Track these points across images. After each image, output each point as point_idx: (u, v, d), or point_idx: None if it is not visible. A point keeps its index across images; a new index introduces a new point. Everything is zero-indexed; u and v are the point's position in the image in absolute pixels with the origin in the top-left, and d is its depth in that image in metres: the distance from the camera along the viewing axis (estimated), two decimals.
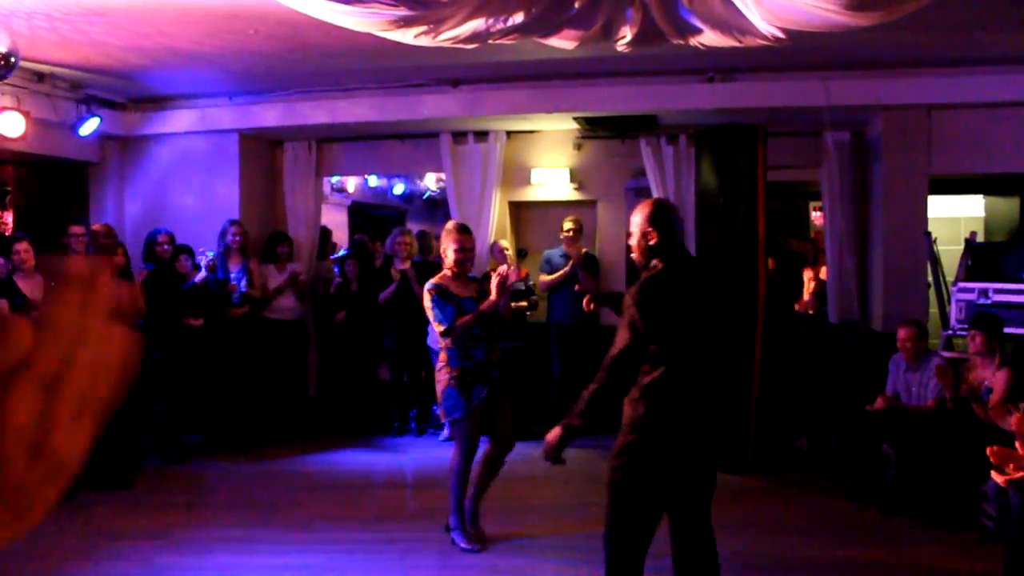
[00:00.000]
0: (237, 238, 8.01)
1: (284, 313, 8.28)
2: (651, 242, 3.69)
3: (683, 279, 3.66)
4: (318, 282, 8.89)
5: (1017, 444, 4.60)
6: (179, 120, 8.48)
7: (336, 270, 8.95)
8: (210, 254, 7.57)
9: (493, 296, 5.13)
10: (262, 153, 8.98)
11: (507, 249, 8.36)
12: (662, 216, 3.72)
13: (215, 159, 8.59)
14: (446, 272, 5.29)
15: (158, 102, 8.45)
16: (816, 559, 5.14)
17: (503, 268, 5.26)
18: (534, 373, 8.28)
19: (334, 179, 11.09)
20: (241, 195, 8.58)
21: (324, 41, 6.22)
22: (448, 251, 5.25)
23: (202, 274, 7.46)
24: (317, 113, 8.15)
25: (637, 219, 3.75)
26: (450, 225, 5.42)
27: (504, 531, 5.68)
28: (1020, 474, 3.99)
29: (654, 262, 3.69)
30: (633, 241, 3.78)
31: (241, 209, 8.49)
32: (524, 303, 8.21)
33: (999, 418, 4.57)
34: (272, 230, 8.68)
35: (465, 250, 5.25)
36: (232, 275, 7.88)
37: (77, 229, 7.05)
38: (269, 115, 8.29)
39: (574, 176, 8.70)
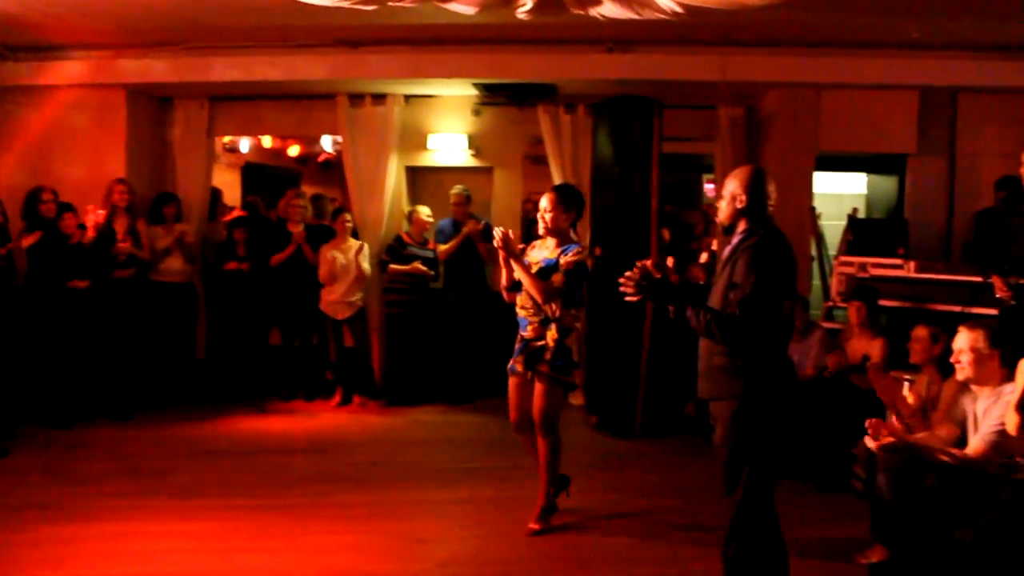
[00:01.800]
0: (125, 197, 7.73)
1: (172, 276, 8.03)
2: (739, 206, 3.69)
3: (780, 247, 3.67)
4: (208, 244, 8.65)
5: (890, 413, 4.84)
6: (61, 72, 8.00)
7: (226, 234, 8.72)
8: (101, 212, 7.29)
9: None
10: (151, 110, 8.63)
11: (428, 217, 8.31)
12: (756, 182, 3.72)
13: (100, 114, 8.19)
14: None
15: (37, 51, 7.97)
16: (700, 519, 5.30)
17: (498, 231, 4.97)
18: (429, 338, 8.27)
19: (226, 139, 10.79)
20: (128, 153, 8.23)
21: None
22: None
23: (91, 234, 7.20)
24: (210, 70, 7.84)
25: (732, 183, 3.74)
26: None
27: (400, 495, 5.69)
28: (890, 439, 4.22)
29: (741, 226, 3.69)
30: (724, 203, 3.77)
31: (128, 168, 8.16)
32: (432, 271, 8.19)
33: (877, 382, 4.78)
34: (161, 191, 8.38)
35: (540, 210, 5.07)
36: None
37: None
38: (159, 70, 7.92)
39: (472, 142, 8.68)
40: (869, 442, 4.55)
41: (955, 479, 4.14)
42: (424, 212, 8.32)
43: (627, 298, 3.65)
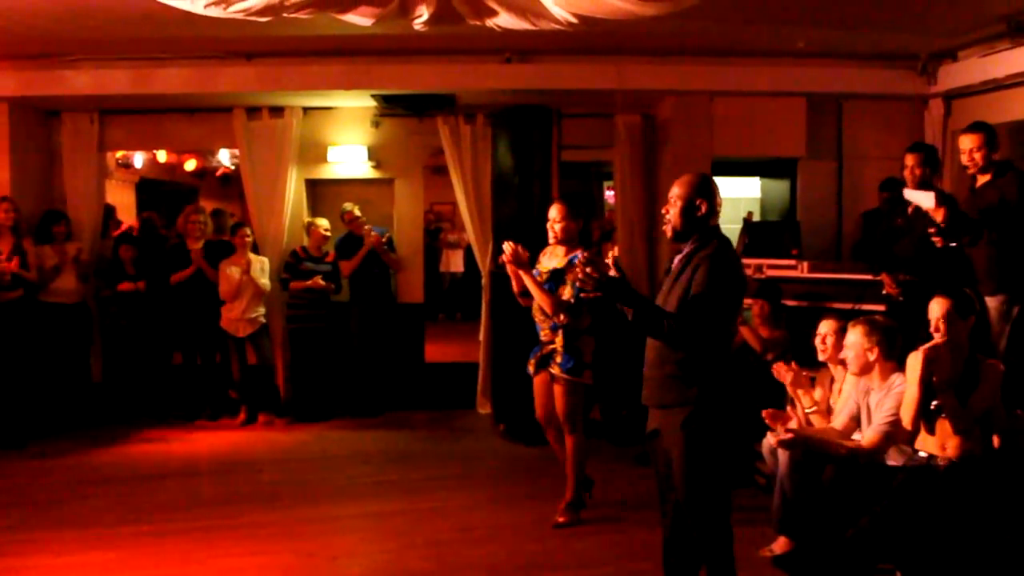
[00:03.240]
0: (9, 215, 7.43)
1: (63, 296, 7.75)
2: (699, 214, 3.64)
3: (735, 256, 3.67)
4: (103, 263, 8.37)
5: (788, 406, 4.98)
6: None
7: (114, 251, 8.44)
8: None
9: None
10: (36, 124, 8.30)
11: (326, 230, 8.22)
12: (711, 189, 3.68)
13: None
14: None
15: None
16: (607, 521, 5.40)
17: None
18: (334, 353, 8.19)
19: (119, 154, 10.50)
20: (12, 169, 7.88)
21: (108, 4, 5.86)
22: None
23: None
24: (99, 83, 7.60)
25: (684, 188, 3.67)
26: None
27: (309, 513, 5.62)
28: (790, 435, 4.35)
29: (695, 235, 3.63)
30: (673, 210, 3.68)
31: (12, 185, 7.83)
32: (332, 284, 8.09)
33: (781, 376, 4.92)
34: (49, 208, 8.08)
35: (549, 220, 5.29)
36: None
37: None
38: (44, 83, 7.65)
39: (372, 154, 8.62)
40: (770, 437, 4.69)
41: (851, 470, 4.29)
42: (322, 224, 8.21)
43: (584, 295, 3.63)
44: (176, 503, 5.84)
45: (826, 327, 4.92)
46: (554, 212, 5.30)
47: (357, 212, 8.28)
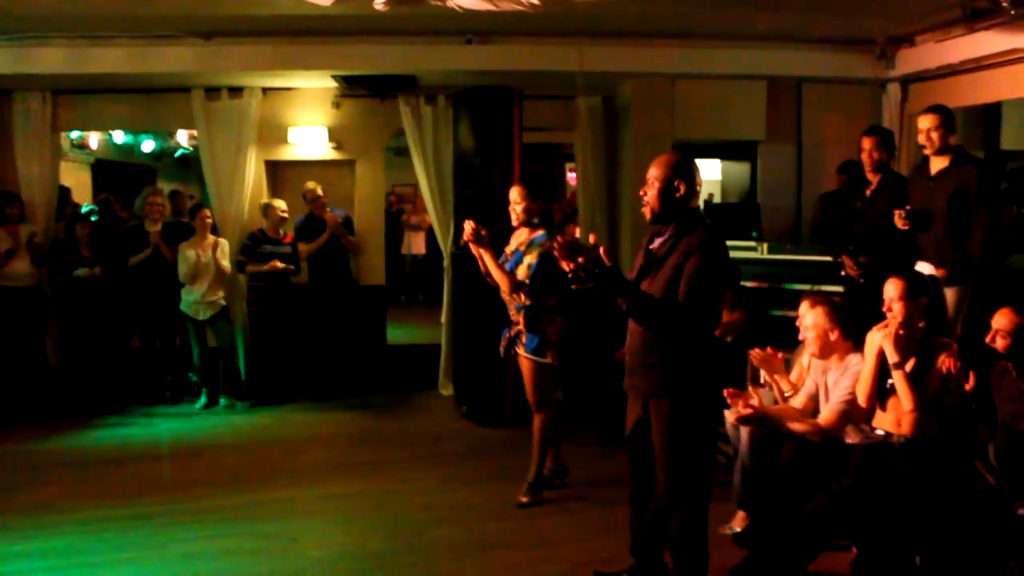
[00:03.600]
0: None
1: (17, 280, 7.62)
2: (677, 195, 3.59)
3: (721, 243, 3.60)
4: (57, 245, 8.23)
5: (749, 385, 5.04)
6: None
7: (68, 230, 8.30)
8: None
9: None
10: None
11: (283, 211, 8.10)
12: (690, 169, 3.62)
13: None
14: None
15: None
16: (569, 500, 5.45)
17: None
18: (295, 335, 8.14)
19: (74, 135, 10.32)
20: None
21: None
22: None
23: None
24: (52, 61, 7.39)
25: (661, 169, 3.62)
26: None
27: (271, 495, 5.60)
28: (748, 411, 4.41)
29: (676, 219, 3.59)
30: (651, 192, 3.63)
31: None
32: (292, 266, 8.01)
33: (755, 360, 4.97)
34: (1, 190, 7.92)
35: (510, 203, 5.34)
36: None
37: None
38: None
39: (332, 135, 8.55)
40: (729, 415, 4.75)
41: (809, 448, 4.36)
42: (279, 206, 8.11)
43: (574, 286, 3.51)
44: (135, 488, 5.79)
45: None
46: (514, 194, 5.35)
47: (320, 191, 8.22)
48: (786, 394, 4.87)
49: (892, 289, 4.15)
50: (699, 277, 3.46)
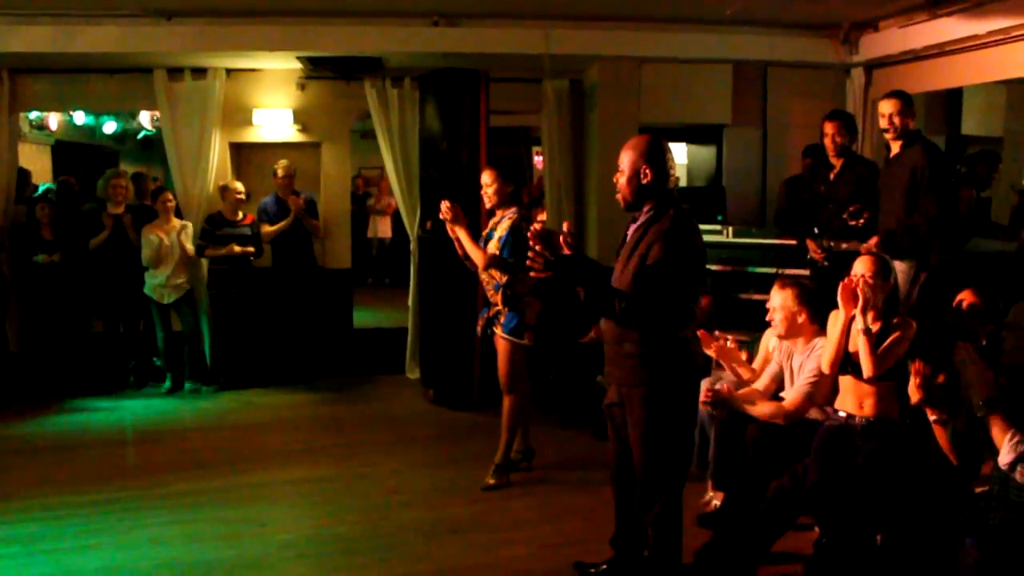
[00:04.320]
0: None
1: None
2: (644, 181, 3.57)
3: (691, 227, 3.55)
4: (16, 228, 8.10)
5: (713, 368, 5.09)
6: None
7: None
8: None
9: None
10: None
11: (240, 193, 7.99)
12: (657, 153, 3.58)
13: None
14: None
15: None
16: (536, 483, 5.48)
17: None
18: (260, 319, 8.08)
19: (32, 115, 10.14)
20: None
21: None
22: None
23: None
24: (8, 39, 7.26)
25: (629, 155, 3.61)
26: None
27: (237, 480, 5.58)
28: (710, 394, 4.47)
29: (648, 203, 3.57)
30: (622, 180, 3.62)
31: None
32: (251, 248, 7.93)
33: (708, 343, 5.01)
34: None
35: (482, 187, 5.36)
36: None
37: None
38: None
39: (297, 117, 8.47)
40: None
41: (774, 429, 4.42)
42: (237, 187, 7.99)
43: (534, 273, 3.53)
44: (100, 473, 5.74)
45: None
46: (486, 177, 5.37)
47: (285, 172, 8.08)
48: (751, 383, 4.92)
49: (861, 266, 4.20)
50: (659, 268, 3.44)
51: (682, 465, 3.75)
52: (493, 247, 5.24)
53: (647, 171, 3.57)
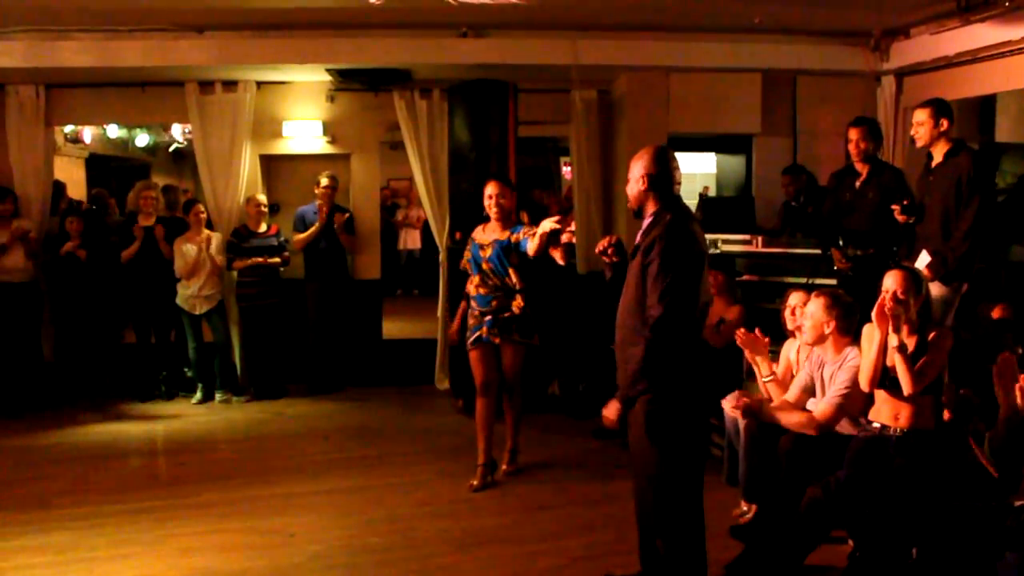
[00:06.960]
0: None
1: (12, 275, 7.61)
2: (645, 187, 3.69)
3: (692, 230, 3.65)
4: (50, 240, 8.19)
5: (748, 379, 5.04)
6: None
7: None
8: None
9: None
10: None
11: (262, 205, 8.04)
12: (659, 161, 3.71)
13: None
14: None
15: None
16: (567, 494, 5.45)
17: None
18: (290, 330, 8.13)
19: (68, 129, 10.28)
20: None
21: None
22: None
23: None
24: (46, 55, 7.37)
25: (632, 166, 3.75)
26: None
27: (267, 490, 5.59)
28: (744, 400, 4.43)
29: (650, 208, 3.70)
30: (630, 187, 3.77)
31: None
32: (277, 259, 7.98)
33: (740, 340, 4.98)
34: None
35: (488, 197, 5.51)
36: None
37: None
38: None
39: (327, 129, 8.52)
40: (726, 406, 4.77)
41: (807, 441, 4.37)
42: (260, 199, 8.06)
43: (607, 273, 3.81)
44: (132, 483, 5.79)
45: (795, 299, 4.99)
46: (492, 188, 5.50)
47: (333, 183, 8.13)
48: (765, 377, 4.92)
49: (891, 281, 4.15)
50: (659, 278, 3.52)
51: (688, 473, 3.72)
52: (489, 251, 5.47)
53: (643, 180, 3.71)
